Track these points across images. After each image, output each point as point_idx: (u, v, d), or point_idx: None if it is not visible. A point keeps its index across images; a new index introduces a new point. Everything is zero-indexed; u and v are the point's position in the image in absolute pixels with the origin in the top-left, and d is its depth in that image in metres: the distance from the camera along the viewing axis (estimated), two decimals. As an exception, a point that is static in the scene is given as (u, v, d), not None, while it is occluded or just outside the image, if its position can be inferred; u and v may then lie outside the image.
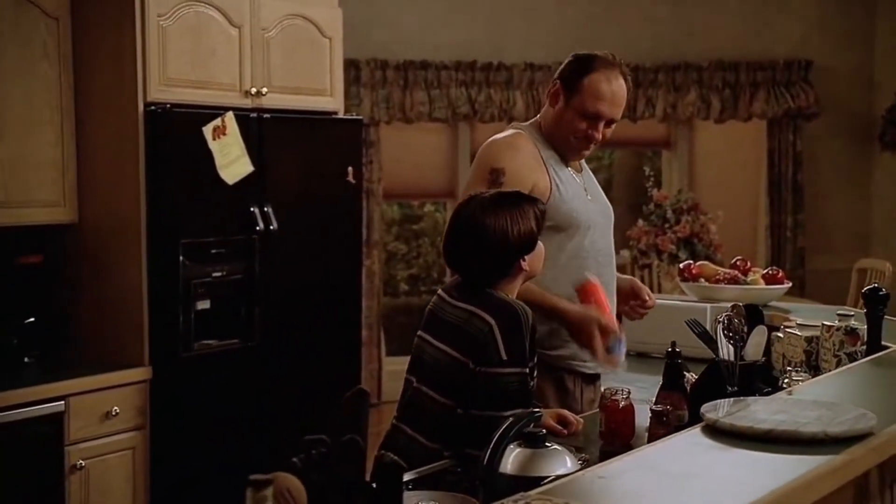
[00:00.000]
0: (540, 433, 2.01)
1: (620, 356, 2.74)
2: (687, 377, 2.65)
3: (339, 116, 4.57)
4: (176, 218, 3.88)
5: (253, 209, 4.11)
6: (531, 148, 2.83)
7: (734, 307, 2.65)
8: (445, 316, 2.40)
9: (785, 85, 6.75)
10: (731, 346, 2.59)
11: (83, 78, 3.91)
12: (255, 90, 4.17)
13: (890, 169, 6.96)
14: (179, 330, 3.89)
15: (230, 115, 3.99)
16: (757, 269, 3.96)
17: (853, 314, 2.88)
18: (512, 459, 1.96)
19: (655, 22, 6.70)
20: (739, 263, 3.94)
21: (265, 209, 4.15)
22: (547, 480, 1.82)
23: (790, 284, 3.97)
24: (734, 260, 3.98)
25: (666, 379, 2.62)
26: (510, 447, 1.96)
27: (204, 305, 3.97)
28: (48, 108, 3.84)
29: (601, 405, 2.58)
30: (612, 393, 2.55)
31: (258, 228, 4.12)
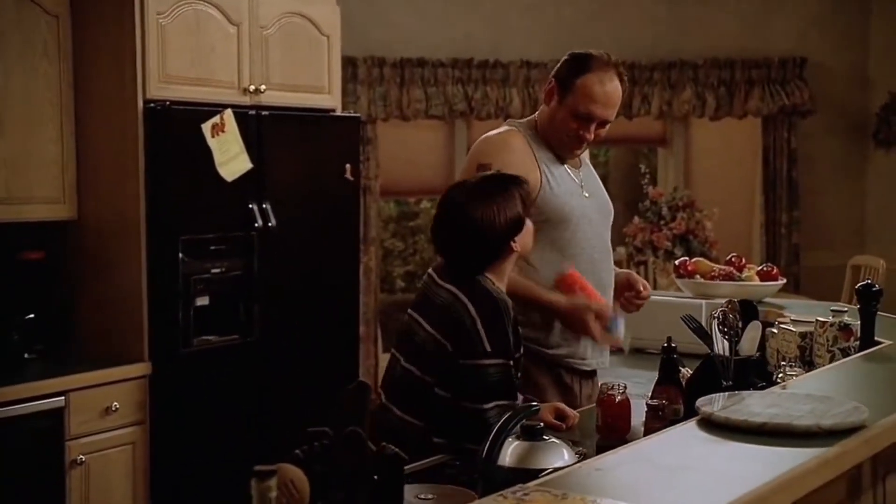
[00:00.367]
0: (538, 426, 2.03)
1: (620, 334, 2.77)
2: (682, 372, 2.68)
3: (336, 114, 4.59)
4: (175, 214, 3.90)
5: (252, 206, 4.13)
6: (523, 145, 2.85)
7: (729, 303, 2.67)
8: (433, 297, 2.45)
9: (780, 83, 6.76)
10: (725, 341, 2.62)
11: (83, 75, 3.92)
12: (253, 87, 4.19)
13: (884, 166, 6.98)
14: (179, 326, 3.91)
15: (229, 112, 4.01)
16: (752, 265, 3.98)
17: (847, 310, 2.89)
18: (510, 452, 1.97)
19: (652, 20, 6.71)
20: (734, 260, 3.96)
21: (264, 206, 4.17)
22: (545, 473, 1.84)
23: (785, 281, 4.00)
24: (729, 256, 4.01)
25: (662, 374, 2.65)
26: (508, 440, 1.98)
27: (203, 301, 3.99)
28: (48, 105, 3.85)
29: (598, 400, 2.60)
30: (608, 388, 2.57)
31: (257, 225, 4.14)
